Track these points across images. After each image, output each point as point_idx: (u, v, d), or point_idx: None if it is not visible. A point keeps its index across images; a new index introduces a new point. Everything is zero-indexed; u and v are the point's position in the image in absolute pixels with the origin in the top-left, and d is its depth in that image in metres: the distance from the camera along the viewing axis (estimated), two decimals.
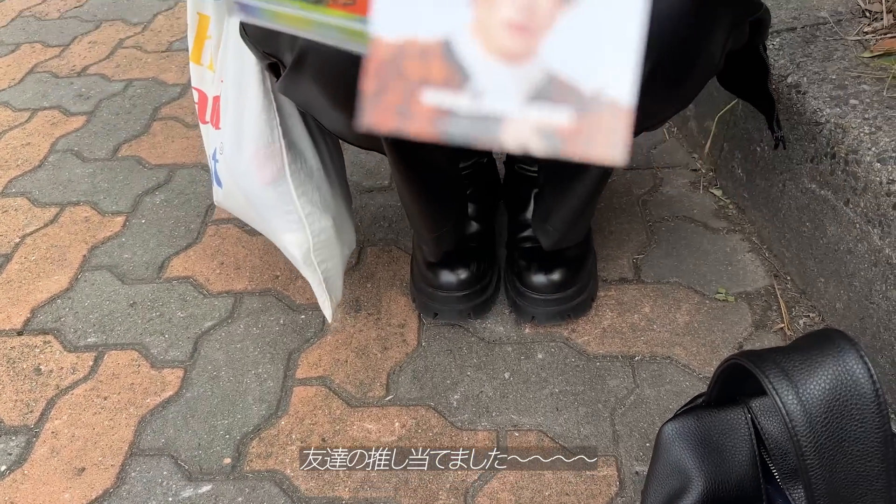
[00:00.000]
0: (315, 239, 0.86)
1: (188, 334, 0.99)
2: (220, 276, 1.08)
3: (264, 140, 0.81)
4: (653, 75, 0.67)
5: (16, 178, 1.30)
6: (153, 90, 1.55)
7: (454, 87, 0.22)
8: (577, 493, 0.78)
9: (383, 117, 0.22)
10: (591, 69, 0.22)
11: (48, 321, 1.02)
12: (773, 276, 1.02)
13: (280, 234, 0.86)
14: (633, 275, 1.04)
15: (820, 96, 0.91)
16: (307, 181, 0.85)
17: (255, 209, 0.87)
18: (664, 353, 0.93)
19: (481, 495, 0.79)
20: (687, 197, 1.17)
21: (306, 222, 0.84)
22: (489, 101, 0.22)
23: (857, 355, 0.51)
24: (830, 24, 1.03)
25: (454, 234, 0.94)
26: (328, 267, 0.89)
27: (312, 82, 0.69)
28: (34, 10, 1.93)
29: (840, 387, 0.50)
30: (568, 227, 0.89)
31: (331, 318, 0.92)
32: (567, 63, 0.22)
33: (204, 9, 0.86)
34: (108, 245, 1.15)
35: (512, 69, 0.22)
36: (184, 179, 1.28)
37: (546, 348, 0.94)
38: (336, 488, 0.80)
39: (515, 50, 0.22)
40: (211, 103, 0.88)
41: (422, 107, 0.22)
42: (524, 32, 0.22)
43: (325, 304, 0.90)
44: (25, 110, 1.50)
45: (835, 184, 0.87)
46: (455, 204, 0.93)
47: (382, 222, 1.17)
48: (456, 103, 0.22)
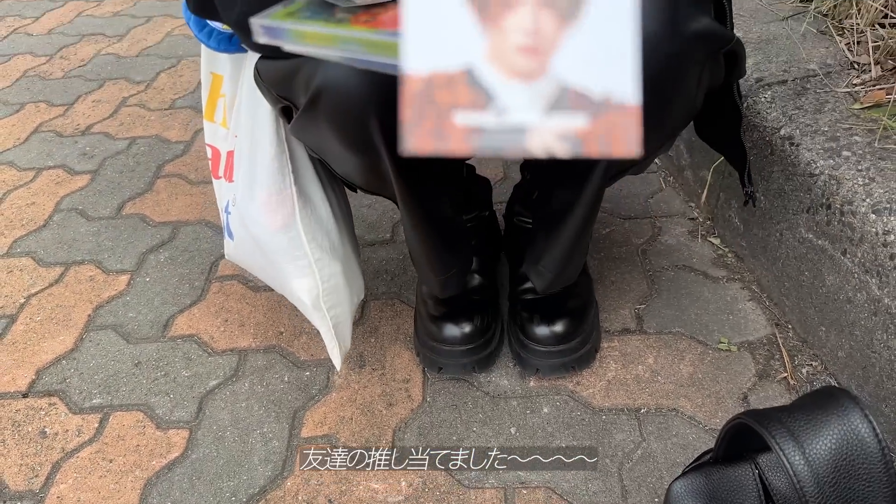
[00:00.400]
0: (325, 284, 0.87)
1: (193, 394, 0.99)
2: (225, 333, 1.09)
3: (276, 186, 0.83)
4: None
5: (21, 238, 1.32)
6: (156, 148, 1.57)
7: (480, 108, 0.25)
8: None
9: (423, 141, 0.25)
10: (597, 77, 0.25)
11: (53, 383, 1.03)
12: (775, 325, 1.02)
13: (290, 280, 0.87)
14: (635, 325, 1.05)
15: (813, 148, 0.93)
16: (317, 227, 0.87)
17: (266, 256, 0.88)
18: (669, 406, 0.93)
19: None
20: (686, 246, 1.18)
21: (316, 268, 0.86)
22: (512, 115, 0.25)
23: (861, 414, 0.51)
24: (820, 77, 1.05)
25: (461, 276, 0.95)
26: (337, 313, 0.90)
27: (325, 123, 0.70)
28: (39, 70, 1.97)
29: (846, 446, 0.51)
30: (560, 267, 0.90)
31: (339, 366, 0.92)
32: (576, 75, 0.25)
33: (217, 68, 0.88)
34: (113, 304, 1.16)
35: (528, 86, 0.25)
36: (188, 236, 1.29)
37: (551, 402, 0.94)
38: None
39: (529, 69, 0.25)
40: (224, 158, 0.91)
41: (455, 128, 0.25)
42: (534, 54, 0.25)
43: (335, 351, 0.91)
44: (30, 170, 1.52)
45: (832, 234, 0.89)
46: (462, 245, 0.94)
47: (385, 276, 1.18)
48: (484, 121, 0.25)
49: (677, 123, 0.81)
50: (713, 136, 0.94)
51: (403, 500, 0.84)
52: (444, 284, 0.93)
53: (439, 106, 0.25)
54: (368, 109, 0.66)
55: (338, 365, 0.91)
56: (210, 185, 1.39)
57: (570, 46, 0.25)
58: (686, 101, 0.75)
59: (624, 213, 1.27)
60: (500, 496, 0.84)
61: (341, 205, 0.94)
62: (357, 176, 0.81)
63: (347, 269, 0.91)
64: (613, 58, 0.25)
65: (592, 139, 0.25)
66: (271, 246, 0.86)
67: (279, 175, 0.83)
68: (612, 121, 0.25)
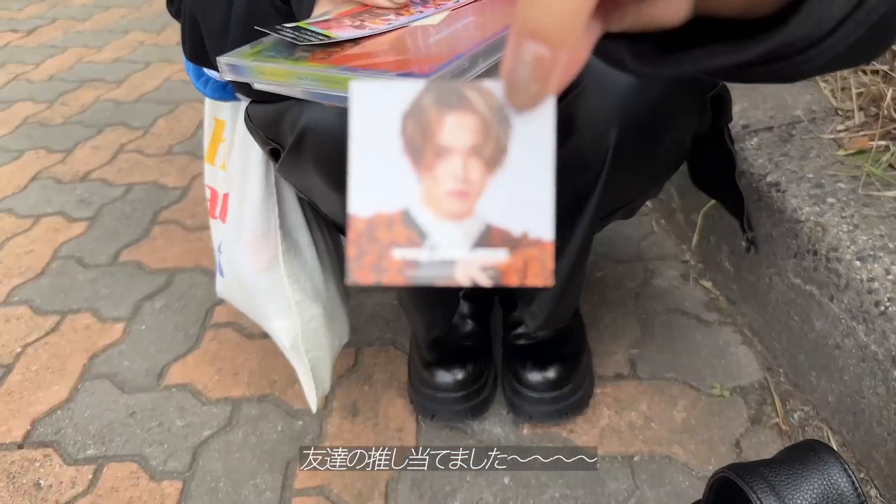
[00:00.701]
0: (304, 326, 0.88)
1: (187, 444, 0.99)
2: (219, 382, 1.09)
3: (262, 228, 0.85)
4: (618, 154, 0.71)
5: (18, 287, 1.33)
6: (153, 194, 1.59)
7: (415, 245, 0.28)
8: None
9: (364, 274, 0.28)
10: (517, 217, 0.28)
11: (48, 433, 1.03)
12: (767, 370, 1.03)
13: (271, 320, 0.89)
14: (629, 370, 1.05)
15: (799, 195, 0.94)
16: (300, 270, 0.88)
17: (250, 296, 0.90)
18: (663, 453, 0.93)
19: None
20: (678, 289, 1.19)
21: (296, 310, 0.87)
22: (443, 251, 0.28)
23: (840, 468, 0.52)
24: (805, 123, 1.07)
25: (446, 317, 0.96)
26: (316, 356, 0.91)
27: (310, 163, 0.72)
28: (39, 117, 2.00)
29: (826, 500, 0.51)
30: (552, 307, 0.91)
31: (314, 408, 0.93)
32: (498, 215, 0.28)
33: (220, 114, 0.92)
34: (109, 353, 1.16)
35: (457, 225, 0.28)
36: (183, 283, 1.30)
37: (545, 450, 0.94)
38: None
39: (458, 211, 0.28)
40: (221, 200, 0.93)
41: (393, 262, 0.28)
42: (463, 197, 0.28)
43: (311, 393, 0.92)
44: (29, 217, 1.53)
45: (818, 280, 0.90)
46: (447, 288, 0.95)
47: (379, 322, 1.18)
48: (418, 256, 0.28)
49: (665, 167, 0.82)
50: (708, 182, 0.96)
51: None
52: (429, 325, 0.94)
53: (380, 243, 0.28)
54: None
55: (313, 407, 0.92)
56: (205, 231, 1.40)
57: (494, 190, 0.28)
58: (674, 145, 0.77)
59: (616, 256, 1.28)
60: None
61: (330, 250, 0.96)
62: (341, 215, 0.83)
63: (330, 312, 0.93)
64: (532, 199, 0.28)
65: (511, 271, 0.28)
66: (255, 286, 0.89)
67: (265, 217, 0.85)
68: (529, 254, 0.28)
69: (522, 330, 1.02)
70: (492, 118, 0.28)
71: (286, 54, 0.49)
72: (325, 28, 0.52)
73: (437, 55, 0.45)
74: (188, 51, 0.76)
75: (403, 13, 0.54)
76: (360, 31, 0.51)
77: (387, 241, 0.28)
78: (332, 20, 0.54)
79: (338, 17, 0.55)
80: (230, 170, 0.89)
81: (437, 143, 0.28)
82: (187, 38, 0.73)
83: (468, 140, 0.28)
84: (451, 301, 0.98)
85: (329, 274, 0.94)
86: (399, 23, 0.52)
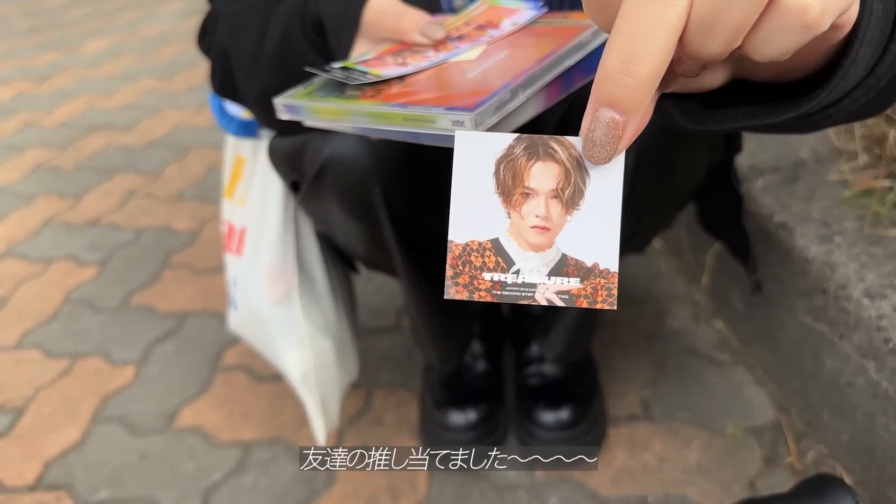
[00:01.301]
0: (315, 360, 0.90)
1: (198, 487, 0.99)
2: (230, 424, 1.09)
3: (278, 261, 0.87)
4: (635, 181, 0.72)
5: (30, 331, 1.33)
6: (164, 238, 1.60)
7: (503, 270, 0.34)
8: None
9: (459, 291, 0.34)
10: (589, 251, 0.34)
11: (60, 476, 1.02)
12: (779, 409, 1.03)
13: (283, 352, 0.90)
14: (642, 411, 1.05)
15: (806, 234, 0.95)
16: (313, 304, 0.90)
17: (263, 327, 0.92)
18: (677, 493, 0.92)
19: None
20: (690, 330, 1.20)
21: (308, 343, 0.89)
22: (526, 276, 0.34)
23: (852, 502, 0.52)
24: (811, 164, 1.09)
25: (461, 349, 0.97)
26: (325, 391, 0.92)
27: (330, 193, 0.75)
28: (51, 163, 2.03)
29: None
30: (571, 336, 0.92)
31: (322, 442, 0.93)
32: (574, 249, 0.34)
33: (241, 151, 0.94)
34: (120, 396, 1.16)
35: (539, 255, 0.34)
36: (194, 326, 1.31)
37: (559, 492, 0.94)
38: None
39: (540, 243, 0.34)
40: (238, 234, 0.95)
41: (483, 282, 0.34)
42: (544, 232, 0.34)
43: (319, 426, 0.92)
44: (41, 261, 1.55)
45: (828, 318, 0.90)
46: (463, 316, 0.96)
47: (390, 363, 1.18)
48: (505, 279, 0.34)
49: (680, 196, 0.83)
50: (716, 223, 0.97)
51: None
52: (444, 357, 0.95)
53: (473, 265, 0.34)
54: (372, 178, 0.73)
55: (321, 441, 0.93)
56: (216, 275, 1.42)
57: (571, 227, 0.34)
58: (689, 173, 0.78)
59: (628, 295, 1.29)
60: None
61: (343, 287, 0.98)
62: (360, 247, 0.85)
63: (341, 348, 0.94)
64: (602, 236, 0.33)
65: (582, 296, 0.34)
66: (269, 317, 0.90)
67: (282, 251, 0.87)
68: (598, 283, 0.34)
69: (535, 369, 1.02)
70: (571, 167, 0.33)
71: (337, 93, 0.53)
72: (370, 67, 0.55)
73: (477, 89, 0.47)
74: (217, 85, 0.78)
75: (441, 49, 0.57)
76: (403, 69, 0.54)
77: (479, 264, 0.34)
78: (374, 59, 0.57)
79: (380, 55, 0.58)
80: (249, 204, 0.91)
81: (525, 185, 0.34)
82: (217, 72, 0.75)
83: (550, 184, 0.34)
84: (465, 333, 0.99)
85: (341, 310, 0.95)
86: (438, 59, 0.55)
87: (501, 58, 0.52)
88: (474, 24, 0.60)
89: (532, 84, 0.48)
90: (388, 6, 0.61)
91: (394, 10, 0.60)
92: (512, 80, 0.47)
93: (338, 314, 0.94)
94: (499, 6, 0.62)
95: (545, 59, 0.49)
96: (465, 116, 0.44)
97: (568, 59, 0.50)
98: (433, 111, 0.45)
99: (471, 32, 0.59)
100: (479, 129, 0.44)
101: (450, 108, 0.45)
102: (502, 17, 0.60)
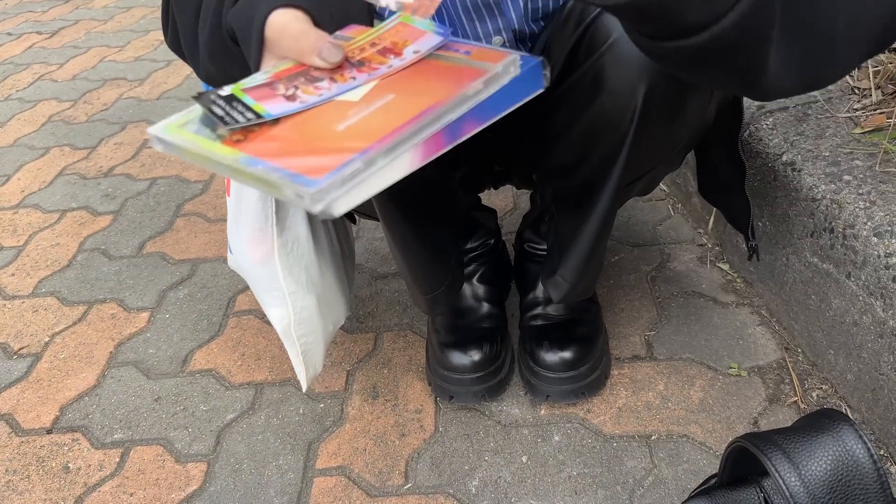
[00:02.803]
0: (297, 315, 0.91)
1: (211, 427, 1.01)
2: (242, 367, 1.11)
3: (258, 224, 0.88)
4: (646, 113, 0.71)
5: (46, 279, 1.36)
6: (176, 188, 1.61)
7: None
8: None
9: None
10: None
11: (76, 419, 1.05)
12: (784, 349, 1.03)
13: (268, 307, 0.91)
14: (645, 352, 1.06)
15: (815, 173, 0.94)
16: (295, 263, 0.91)
17: (251, 282, 0.93)
18: (680, 432, 0.93)
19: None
20: (695, 272, 1.19)
21: (289, 300, 0.90)
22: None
23: (855, 435, 0.52)
24: (821, 103, 1.07)
25: (449, 296, 0.97)
26: (308, 341, 0.93)
27: None
28: (63, 115, 2.04)
29: (841, 467, 0.51)
30: (577, 277, 0.91)
31: (305, 388, 0.95)
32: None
33: None
34: (134, 341, 1.19)
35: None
36: (206, 273, 1.33)
37: (562, 430, 0.95)
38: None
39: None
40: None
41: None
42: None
43: (302, 374, 0.94)
44: (55, 212, 1.57)
45: (835, 258, 0.90)
46: (447, 265, 0.96)
47: (397, 307, 1.20)
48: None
49: (690, 131, 0.82)
50: (717, 192, 0.97)
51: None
52: (431, 303, 0.95)
53: None
54: None
55: (304, 387, 0.94)
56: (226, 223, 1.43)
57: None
58: (700, 105, 0.77)
59: (633, 240, 1.28)
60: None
61: (331, 240, 0.98)
62: None
63: (325, 300, 0.95)
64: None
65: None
66: (252, 276, 0.91)
67: (262, 214, 0.87)
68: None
69: (540, 311, 1.03)
70: None
71: (208, 131, 0.49)
72: (257, 98, 0.51)
73: (340, 147, 0.44)
74: (169, 39, 0.76)
75: (337, 78, 0.53)
76: (288, 106, 0.50)
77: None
78: (266, 84, 0.54)
79: (274, 78, 0.54)
80: None
81: None
82: (168, 26, 0.74)
83: None
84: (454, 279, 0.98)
85: (326, 264, 0.96)
86: (328, 94, 0.52)
87: (383, 104, 0.49)
88: (380, 46, 0.57)
89: (400, 146, 0.44)
90: (288, 24, 0.57)
91: (292, 30, 0.56)
92: (374, 145, 0.44)
93: (321, 269, 0.94)
94: (410, 25, 0.58)
95: (425, 113, 0.46)
96: (306, 192, 0.41)
97: (450, 113, 0.47)
98: (279, 177, 0.42)
99: (372, 57, 0.55)
100: (318, 205, 0.41)
101: (295, 177, 0.42)
102: (408, 41, 0.56)
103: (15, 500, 0.94)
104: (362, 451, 0.96)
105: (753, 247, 0.95)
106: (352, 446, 0.96)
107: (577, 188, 0.83)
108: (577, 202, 0.84)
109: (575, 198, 0.84)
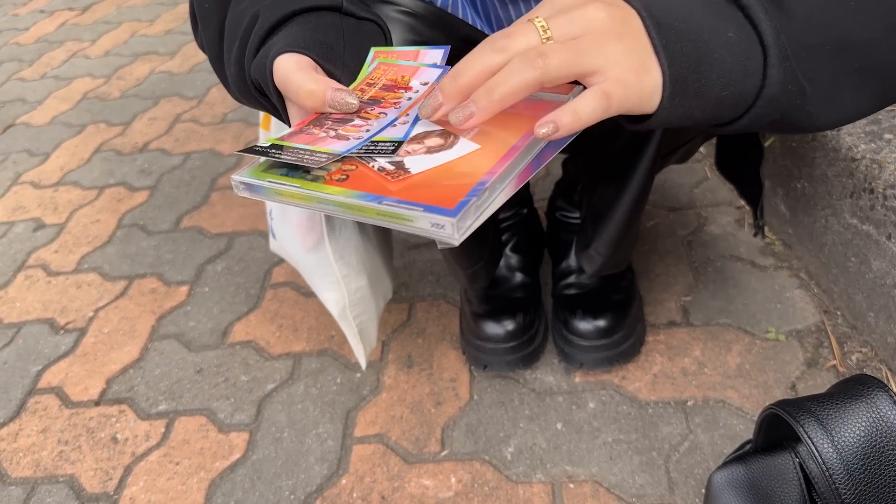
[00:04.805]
0: (351, 297, 0.92)
1: (252, 397, 1.04)
2: (280, 338, 1.13)
3: (307, 212, 0.88)
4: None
5: (87, 255, 1.39)
6: (210, 161, 1.63)
7: None
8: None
9: None
10: None
11: (122, 391, 1.08)
12: (823, 312, 1.01)
13: (321, 291, 0.93)
14: (681, 318, 1.05)
15: (854, 132, 0.92)
16: (345, 246, 0.91)
17: (301, 269, 0.94)
18: (717, 397, 0.93)
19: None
20: (732, 235, 1.18)
21: (343, 283, 0.91)
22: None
23: (889, 401, 0.52)
24: None
25: (489, 270, 0.97)
26: (363, 320, 0.95)
27: None
28: (97, 92, 2.06)
29: (875, 433, 0.51)
30: (611, 250, 0.90)
31: (364, 365, 0.97)
32: None
33: None
34: (175, 314, 1.21)
35: None
36: (242, 246, 1.34)
37: (597, 397, 0.95)
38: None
39: None
40: None
41: None
42: None
43: (360, 352, 0.96)
44: (94, 188, 1.60)
45: (875, 219, 0.88)
46: (487, 239, 0.96)
47: (430, 277, 1.20)
48: None
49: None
50: (733, 170, 0.95)
51: (453, 496, 0.87)
52: (471, 278, 0.95)
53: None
54: None
55: (363, 364, 0.96)
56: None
57: None
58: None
59: (669, 204, 1.27)
60: (547, 490, 0.85)
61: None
62: None
63: (374, 278, 0.96)
64: None
65: None
66: (303, 263, 0.92)
67: None
68: None
69: (573, 279, 1.03)
70: None
71: (301, 173, 0.48)
72: (306, 143, 0.50)
73: (455, 182, 0.44)
74: (198, 43, 0.75)
75: (370, 116, 0.52)
76: (346, 145, 0.49)
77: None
78: (298, 133, 0.52)
79: (298, 128, 0.52)
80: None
81: None
82: (197, 29, 0.73)
83: None
84: (493, 253, 0.99)
85: (371, 241, 0.96)
86: (374, 128, 0.50)
87: (471, 139, 0.48)
88: (378, 85, 0.55)
89: (508, 175, 0.45)
90: (289, 74, 0.53)
91: (294, 82, 0.52)
92: (489, 176, 0.44)
93: (367, 249, 0.95)
94: (392, 63, 0.56)
95: (517, 148, 0.46)
96: (447, 220, 0.41)
97: (538, 146, 0.47)
98: (411, 211, 0.42)
99: (380, 94, 0.54)
100: (459, 232, 0.41)
101: (429, 208, 0.42)
102: (406, 76, 0.54)
103: (68, 469, 0.97)
104: (399, 419, 0.97)
105: (760, 225, 0.93)
106: (389, 414, 0.98)
107: (611, 159, 0.82)
108: (612, 173, 0.83)
109: (609, 169, 0.83)
